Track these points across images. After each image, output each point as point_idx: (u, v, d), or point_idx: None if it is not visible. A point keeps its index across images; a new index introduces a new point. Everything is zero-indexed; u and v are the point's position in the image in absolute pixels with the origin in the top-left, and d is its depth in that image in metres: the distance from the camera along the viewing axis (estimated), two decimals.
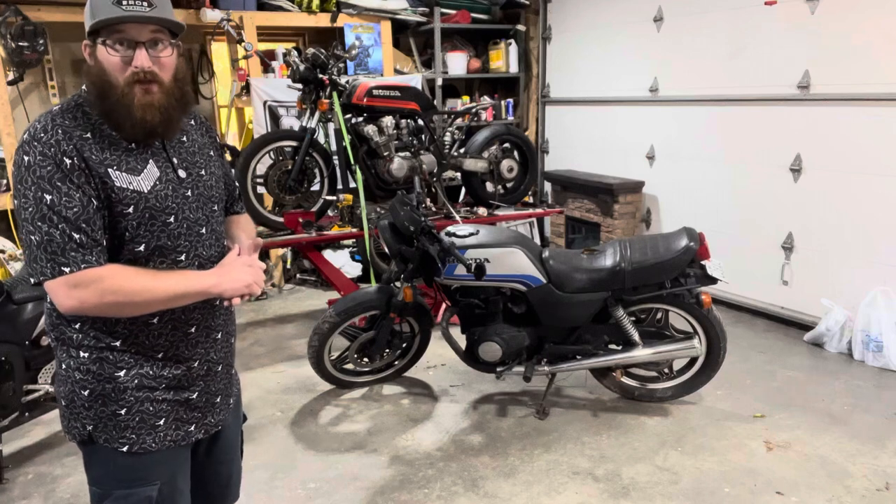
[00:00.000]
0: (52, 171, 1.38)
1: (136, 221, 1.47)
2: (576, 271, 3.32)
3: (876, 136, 3.96)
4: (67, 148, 1.40)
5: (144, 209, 1.47)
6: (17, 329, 2.96)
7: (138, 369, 1.54)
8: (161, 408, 1.57)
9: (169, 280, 1.47)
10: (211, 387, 1.68)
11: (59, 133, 1.41)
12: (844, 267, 4.24)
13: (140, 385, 1.54)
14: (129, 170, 1.47)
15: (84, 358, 1.52)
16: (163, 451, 1.58)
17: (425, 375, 4.01)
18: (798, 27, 4.27)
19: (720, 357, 3.42)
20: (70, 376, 1.54)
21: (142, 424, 1.55)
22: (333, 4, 5.68)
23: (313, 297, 5.53)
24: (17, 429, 3.19)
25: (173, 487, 1.62)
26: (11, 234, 4.82)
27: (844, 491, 2.80)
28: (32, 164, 1.38)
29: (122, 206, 1.45)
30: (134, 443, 1.55)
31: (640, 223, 5.72)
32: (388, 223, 3.43)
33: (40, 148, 1.39)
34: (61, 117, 1.44)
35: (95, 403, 1.53)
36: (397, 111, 4.48)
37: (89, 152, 1.42)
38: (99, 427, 1.54)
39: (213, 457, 1.78)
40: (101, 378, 1.52)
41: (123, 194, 1.45)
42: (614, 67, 5.78)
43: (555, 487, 2.88)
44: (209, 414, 1.69)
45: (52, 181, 1.38)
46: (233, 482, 1.89)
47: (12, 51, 4.65)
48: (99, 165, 1.43)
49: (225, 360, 1.73)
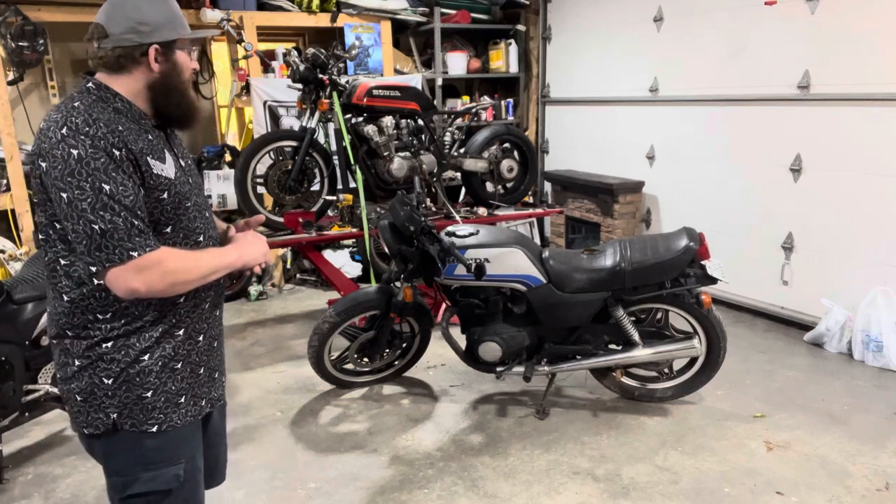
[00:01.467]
0: (106, 162, 1.46)
1: (170, 206, 1.58)
2: (576, 271, 3.32)
3: (876, 136, 3.96)
4: (115, 140, 1.48)
5: (175, 194, 1.59)
6: (17, 329, 2.96)
7: (161, 351, 1.61)
8: (182, 386, 1.66)
9: (207, 257, 1.61)
10: (211, 362, 1.77)
11: (102, 126, 1.48)
12: (844, 267, 4.24)
13: (163, 366, 1.62)
14: (159, 158, 1.58)
15: (107, 347, 1.57)
16: (185, 428, 1.67)
17: (425, 375, 4.01)
18: (798, 27, 4.27)
19: (720, 357, 3.42)
20: (89, 367, 1.57)
21: (167, 403, 1.63)
22: (333, 4, 5.68)
23: (313, 297, 5.53)
24: (17, 429, 3.19)
25: (194, 465, 1.70)
26: (11, 234, 4.82)
27: (844, 491, 2.80)
28: (84, 157, 1.44)
29: (157, 191, 1.55)
30: (163, 422, 1.62)
31: (640, 223, 5.72)
32: (388, 223, 3.43)
33: (90, 141, 1.45)
34: (92, 109, 1.50)
35: (119, 390, 1.58)
36: (397, 111, 4.48)
37: (132, 143, 1.52)
38: (124, 413, 1.59)
39: (205, 439, 1.83)
40: (127, 363, 1.57)
41: (159, 181, 1.55)
42: (614, 67, 5.78)
43: (555, 487, 2.88)
44: (213, 389, 1.78)
45: (108, 171, 1.46)
46: (219, 465, 1.95)
47: (12, 51, 4.65)
48: (140, 154, 1.52)
49: (220, 337, 1.83)
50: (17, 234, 4.79)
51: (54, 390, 3.13)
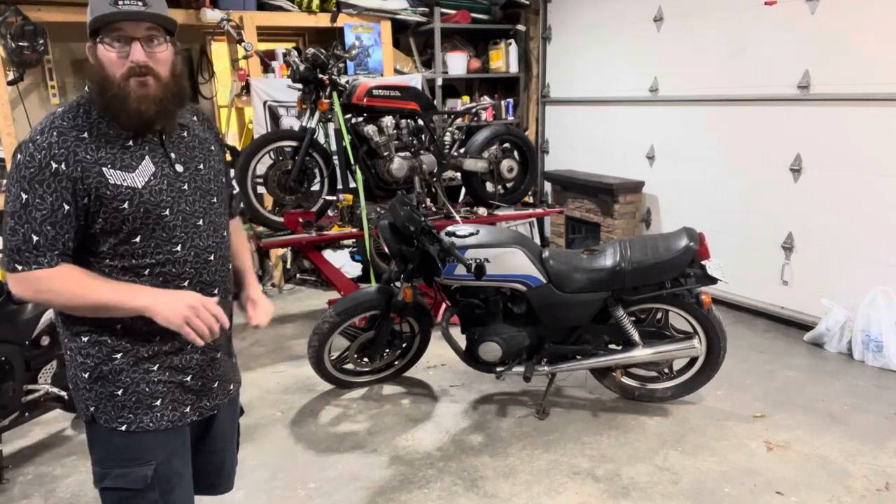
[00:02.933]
0: (33, 173, 1.46)
1: (132, 216, 1.54)
2: (576, 271, 3.32)
3: (876, 136, 3.96)
4: (58, 152, 1.47)
5: (139, 204, 1.54)
6: (17, 329, 2.96)
7: (134, 353, 1.61)
8: (157, 389, 1.64)
9: (106, 289, 1.51)
10: (208, 372, 1.74)
11: (53, 135, 1.48)
12: (844, 267, 4.24)
13: (135, 367, 1.62)
14: (124, 167, 1.53)
15: (84, 342, 1.60)
16: (160, 432, 1.65)
17: (425, 375, 4.01)
18: (798, 27, 4.27)
19: (720, 357, 3.42)
20: (73, 359, 1.63)
21: (138, 405, 1.62)
22: (333, 4, 5.68)
23: (313, 297, 5.53)
24: (17, 429, 3.19)
25: (169, 469, 1.68)
26: None
27: (844, 491, 2.80)
28: (20, 164, 1.48)
29: (116, 202, 1.51)
30: (132, 422, 1.62)
31: (640, 223, 5.72)
32: (388, 223, 3.43)
33: (31, 149, 1.47)
34: (61, 118, 1.52)
35: (95, 385, 1.61)
36: (397, 111, 4.48)
37: (84, 153, 1.49)
38: (99, 408, 1.62)
39: (205, 445, 1.83)
40: (100, 360, 1.60)
41: (118, 191, 1.52)
42: (614, 67, 5.78)
43: (555, 487, 2.88)
44: (205, 398, 1.75)
45: (32, 182, 1.46)
46: (225, 472, 1.93)
47: (12, 51, 4.65)
48: (94, 165, 1.49)
49: (224, 349, 1.80)
50: None
51: (54, 390, 3.14)
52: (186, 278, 1.63)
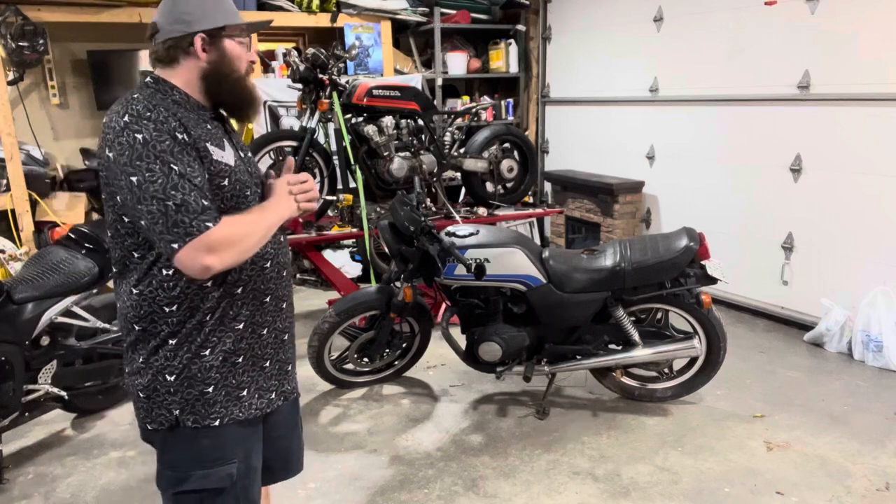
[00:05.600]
0: (171, 145, 1.47)
1: (230, 194, 1.59)
2: (576, 271, 3.32)
3: (876, 136, 3.96)
4: (176, 124, 1.51)
5: (235, 181, 1.60)
6: (17, 329, 2.96)
7: (221, 346, 1.63)
8: (242, 379, 1.68)
9: (258, 216, 1.59)
10: (281, 355, 1.79)
11: (162, 111, 1.51)
12: (844, 267, 4.24)
13: (224, 360, 1.63)
14: (218, 145, 1.59)
15: (172, 345, 1.59)
16: (244, 427, 1.68)
17: (425, 375, 4.01)
18: (798, 27, 4.27)
19: (720, 357, 3.42)
20: (151, 366, 1.60)
21: (228, 398, 1.65)
22: (333, 4, 5.68)
23: (313, 297, 5.53)
24: (17, 429, 3.19)
25: (248, 465, 1.71)
26: (11, 234, 4.81)
27: (844, 491, 2.80)
28: (150, 140, 1.46)
29: (218, 178, 1.56)
30: (224, 416, 1.64)
31: (640, 223, 5.72)
32: (388, 223, 3.43)
33: (153, 125, 1.47)
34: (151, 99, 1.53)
35: (182, 387, 1.60)
36: (397, 111, 4.48)
37: (192, 129, 1.54)
38: (186, 409, 1.61)
39: (269, 432, 1.83)
40: (188, 359, 1.60)
41: (220, 167, 1.57)
42: (614, 67, 5.78)
43: (555, 487, 2.88)
44: (285, 381, 1.81)
45: (174, 153, 1.47)
46: (293, 455, 1.97)
47: (12, 51, 4.65)
48: (199, 140, 1.54)
49: (290, 329, 1.84)
50: (17, 234, 4.79)
51: (54, 390, 3.14)
52: (269, 259, 1.69)
